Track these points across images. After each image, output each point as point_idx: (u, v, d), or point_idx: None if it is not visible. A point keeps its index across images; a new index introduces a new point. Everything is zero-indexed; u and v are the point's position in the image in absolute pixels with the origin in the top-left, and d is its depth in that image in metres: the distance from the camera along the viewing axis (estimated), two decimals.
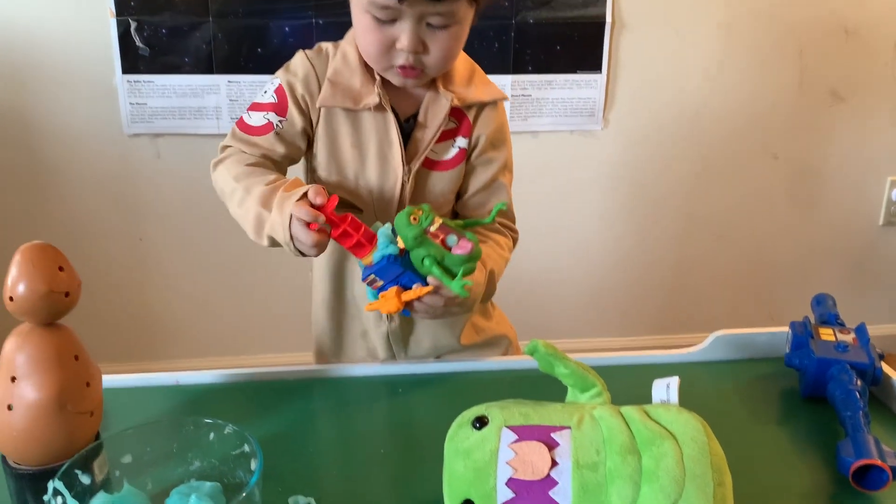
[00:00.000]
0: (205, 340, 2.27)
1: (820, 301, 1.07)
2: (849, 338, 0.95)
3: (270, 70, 1.96)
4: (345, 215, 0.85)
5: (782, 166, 2.33)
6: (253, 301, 2.26)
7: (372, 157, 0.97)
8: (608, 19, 2.07)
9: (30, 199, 2.05)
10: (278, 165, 1.00)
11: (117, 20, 1.90)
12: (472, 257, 0.82)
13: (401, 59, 0.90)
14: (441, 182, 1.01)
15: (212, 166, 1.01)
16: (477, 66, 1.03)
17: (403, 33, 0.87)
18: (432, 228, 0.81)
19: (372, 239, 0.85)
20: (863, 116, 2.30)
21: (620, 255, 2.38)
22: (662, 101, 2.20)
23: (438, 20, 0.86)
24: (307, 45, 1.97)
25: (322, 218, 0.83)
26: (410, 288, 0.85)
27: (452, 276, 0.83)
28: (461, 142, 1.01)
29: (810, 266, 2.47)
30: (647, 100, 2.19)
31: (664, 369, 0.86)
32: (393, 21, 0.87)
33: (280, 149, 0.98)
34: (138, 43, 1.92)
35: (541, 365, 0.72)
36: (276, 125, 0.97)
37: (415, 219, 0.81)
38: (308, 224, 0.83)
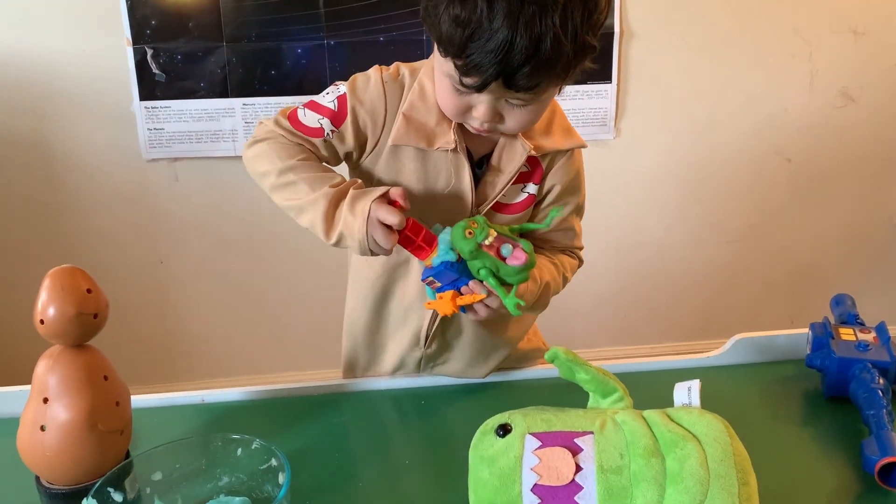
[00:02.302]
0: (227, 360, 2.29)
1: (839, 301, 1.07)
2: (869, 337, 0.95)
3: (285, 91, 2.02)
4: (408, 219, 0.86)
5: (796, 169, 2.32)
6: (274, 320, 2.28)
7: (439, 196, 0.94)
8: (616, 29, 2.09)
9: (52, 225, 2.08)
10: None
11: (133, 48, 1.94)
12: (526, 267, 0.83)
13: (475, 124, 0.86)
14: (506, 224, 0.96)
15: (246, 146, 0.97)
16: (558, 109, 0.98)
17: (481, 104, 0.83)
18: (487, 242, 0.82)
19: (432, 242, 0.86)
20: (874, 116, 2.29)
21: (637, 263, 2.38)
22: (673, 108, 2.21)
23: (518, 101, 0.82)
24: (319, 66, 2.03)
25: (405, 220, 0.84)
26: (467, 291, 0.87)
27: (507, 285, 0.85)
28: (531, 188, 0.97)
29: (829, 267, 2.46)
30: (659, 107, 2.20)
31: (685, 374, 0.87)
32: (471, 92, 0.82)
33: (322, 153, 0.95)
34: (154, 70, 1.96)
35: (561, 372, 0.73)
36: (327, 134, 0.93)
37: (470, 233, 0.82)
38: (389, 226, 0.83)
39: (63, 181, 2.05)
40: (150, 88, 1.98)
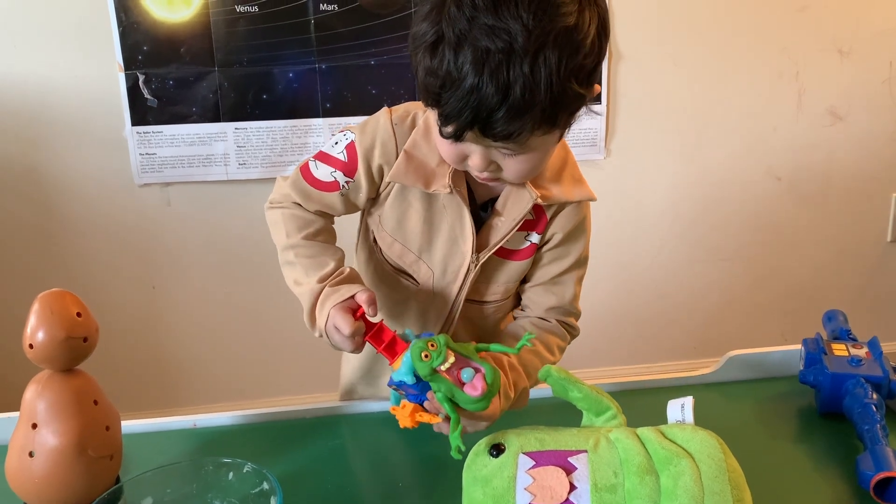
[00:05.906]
0: (220, 386, 2.28)
1: (831, 317, 1.07)
2: (862, 352, 0.95)
3: (277, 115, 2.03)
4: (377, 323, 0.84)
5: (787, 188, 2.34)
6: (268, 345, 2.26)
7: (442, 238, 0.93)
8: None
9: (45, 250, 2.08)
10: (332, 216, 0.99)
11: (125, 74, 1.94)
12: (484, 398, 0.77)
13: (474, 172, 0.83)
14: (508, 271, 0.96)
15: (267, 205, 0.99)
16: (570, 156, 0.94)
17: (474, 153, 0.80)
18: (443, 367, 0.77)
19: (396, 350, 0.83)
20: (863, 134, 2.31)
21: (630, 283, 2.38)
22: (663, 128, 2.23)
23: (507, 151, 0.79)
24: (311, 89, 2.04)
25: (361, 330, 0.83)
26: (431, 407, 0.81)
27: (462, 410, 0.78)
28: (534, 237, 0.95)
29: (821, 285, 2.46)
30: (649, 128, 2.22)
31: (679, 392, 0.87)
32: (457, 141, 0.79)
33: (340, 207, 0.95)
34: (146, 95, 1.97)
35: (554, 390, 0.72)
36: (343, 186, 0.93)
37: (426, 356, 0.76)
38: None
39: (55, 206, 2.05)
40: (141, 114, 1.98)
